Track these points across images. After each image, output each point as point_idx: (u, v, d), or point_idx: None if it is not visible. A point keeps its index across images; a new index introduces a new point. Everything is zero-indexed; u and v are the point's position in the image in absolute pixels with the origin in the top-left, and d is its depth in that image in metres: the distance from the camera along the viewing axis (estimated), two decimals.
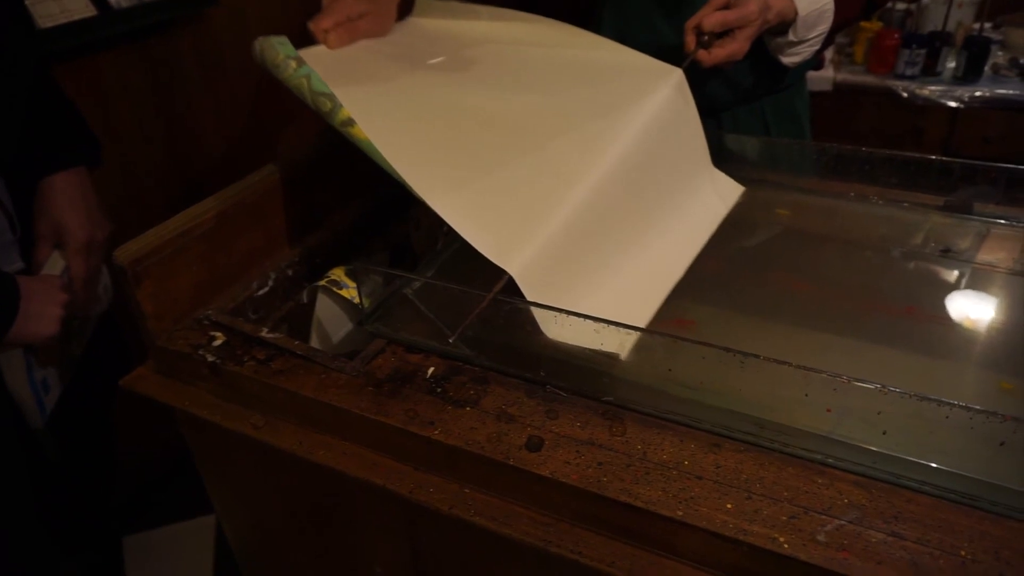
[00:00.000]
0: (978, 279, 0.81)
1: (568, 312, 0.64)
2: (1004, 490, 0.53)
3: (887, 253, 0.87)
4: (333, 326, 0.84)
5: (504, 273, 0.66)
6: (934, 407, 0.52)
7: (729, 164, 0.96)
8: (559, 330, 0.65)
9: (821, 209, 0.97)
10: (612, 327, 0.63)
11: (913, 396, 0.52)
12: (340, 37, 0.84)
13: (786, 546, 0.52)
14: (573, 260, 0.72)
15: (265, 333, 0.76)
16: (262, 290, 0.84)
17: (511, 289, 0.66)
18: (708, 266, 0.84)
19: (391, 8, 0.91)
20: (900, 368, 0.71)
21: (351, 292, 0.80)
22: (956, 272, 0.82)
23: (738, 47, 0.90)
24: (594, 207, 0.75)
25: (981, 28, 2.13)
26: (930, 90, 2.05)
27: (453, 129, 0.78)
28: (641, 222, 0.82)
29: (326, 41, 0.83)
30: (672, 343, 0.61)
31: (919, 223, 0.90)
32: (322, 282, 0.81)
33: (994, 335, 0.73)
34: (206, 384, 0.76)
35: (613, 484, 0.57)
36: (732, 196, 0.94)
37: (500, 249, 0.67)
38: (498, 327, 0.68)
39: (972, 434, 0.52)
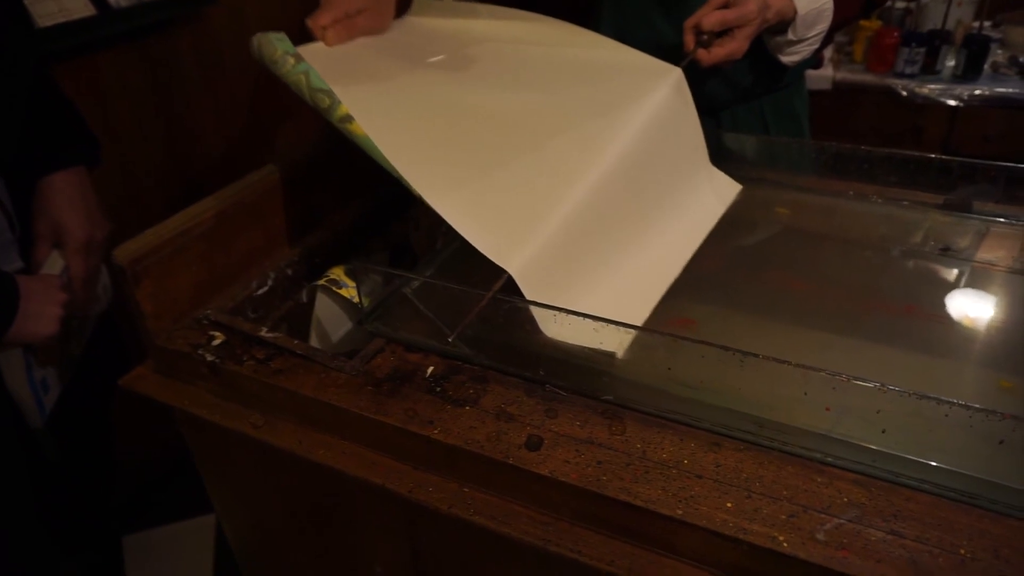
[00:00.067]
0: (977, 278, 0.81)
1: (567, 311, 0.64)
2: (1003, 488, 0.53)
3: (886, 252, 0.87)
4: (332, 325, 0.84)
5: (503, 272, 0.66)
6: (933, 405, 0.52)
7: (728, 163, 0.96)
8: (558, 329, 0.65)
9: (820, 208, 0.97)
10: (611, 326, 0.63)
11: (912, 395, 0.52)
12: (338, 34, 0.84)
13: (786, 545, 0.52)
14: (572, 259, 0.72)
15: (264, 332, 0.76)
16: (261, 289, 0.84)
17: (510, 288, 0.66)
18: (708, 265, 0.84)
19: (389, 5, 0.91)
20: (899, 367, 0.71)
21: (350, 291, 0.80)
22: (955, 271, 0.82)
23: (737, 46, 0.90)
24: (593, 206, 0.75)
25: (980, 26, 2.13)
26: (929, 88, 2.05)
27: (452, 127, 0.78)
28: (640, 221, 0.82)
29: (324, 38, 0.83)
30: (672, 342, 0.61)
31: (918, 222, 0.90)
32: (321, 281, 0.81)
33: (993, 333, 0.73)
34: (205, 383, 0.76)
35: (613, 483, 0.57)
36: (730, 194, 0.94)
37: (499, 248, 0.67)
38: (497, 326, 0.68)
39: (971, 432, 0.52)
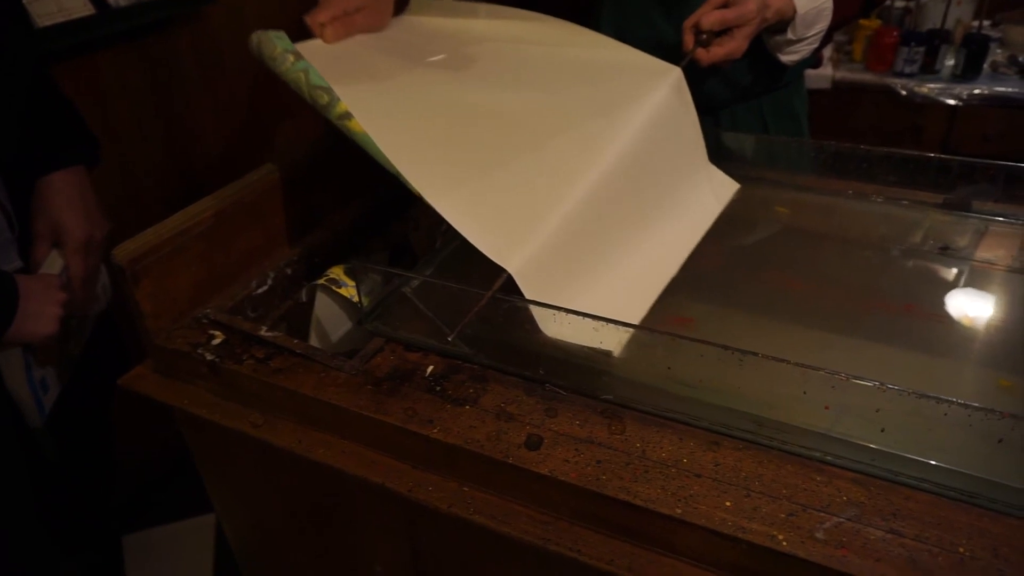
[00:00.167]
0: (977, 277, 0.81)
1: (566, 310, 0.64)
2: (1002, 487, 0.53)
3: (886, 251, 0.87)
4: (332, 325, 0.84)
5: (502, 271, 0.66)
6: (932, 404, 0.52)
7: (728, 162, 0.96)
8: (558, 328, 0.65)
9: (820, 207, 0.97)
10: (611, 325, 0.63)
11: (911, 393, 0.53)
12: (336, 31, 0.84)
13: (785, 544, 0.52)
14: (571, 258, 0.72)
15: (264, 332, 0.76)
16: (261, 289, 0.84)
17: (509, 287, 0.66)
18: (707, 264, 0.84)
19: (388, 3, 0.91)
20: (899, 366, 0.71)
21: (350, 291, 0.80)
22: (955, 270, 0.82)
23: (736, 46, 0.90)
24: (593, 205, 0.75)
25: (980, 26, 2.13)
26: (929, 88, 2.05)
27: (451, 126, 0.78)
28: (640, 220, 0.82)
29: (322, 35, 0.83)
30: (671, 341, 0.61)
31: (918, 221, 0.90)
32: (321, 281, 0.81)
33: (992, 333, 0.73)
34: (205, 383, 0.76)
35: (612, 482, 0.57)
36: (728, 193, 0.94)
37: (499, 247, 0.67)
38: (497, 325, 0.68)
39: (970, 431, 0.52)
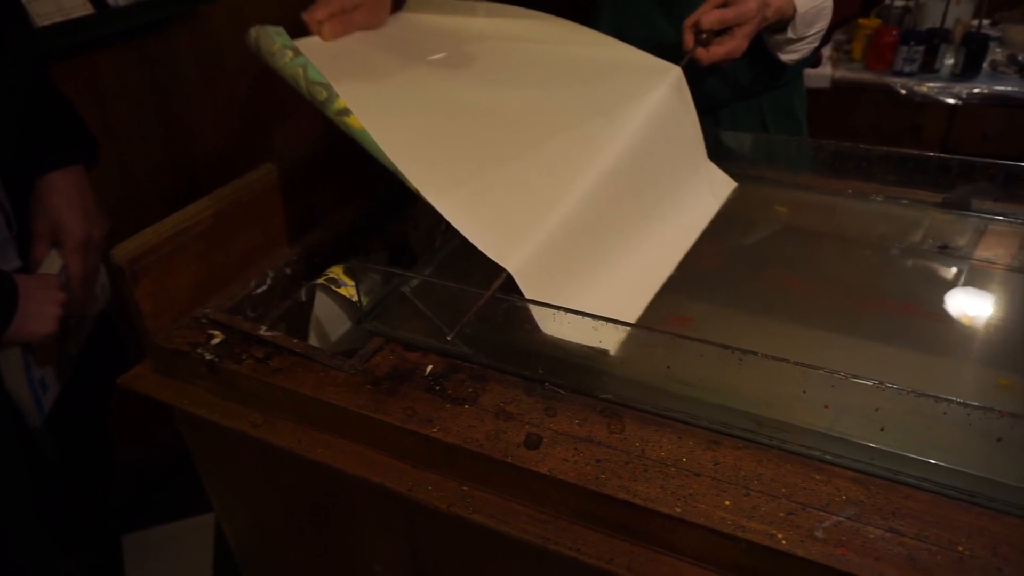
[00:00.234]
0: (976, 275, 0.81)
1: (565, 309, 0.64)
2: (1002, 486, 0.53)
3: (885, 250, 0.87)
4: (331, 324, 0.84)
5: (501, 271, 0.66)
6: (932, 403, 0.52)
7: (727, 161, 0.96)
8: (557, 327, 0.65)
9: (819, 206, 0.97)
10: (610, 324, 0.63)
11: (911, 392, 0.53)
12: (334, 28, 0.84)
13: (784, 542, 0.52)
14: (570, 257, 0.72)
15: (263, 331, 0.76)
16: (260, 288, 0.84)
17: (509, 287, 0.66)
18: (707, 263, 0.84)
19: (386, 1, 0.90)
20: (898, 365, 0.71)
21: (349, 290, 0.80)
22: (954, 269, 0.82)
23: (736, 45, 0.89)
24: (592, 205, 0.75)
25: (979, 25, 2.13)
26: (928, 87, 2.05)
27: (450, 124, 0.78)
28: (639, 220, 0.82)
29: (320, 32, 0.83)
30: (671, 340, 0.61)
31: (917, 220, 0.90)
32: (320, 280, 0.81)
33: (992, 331, 0.73)
34: (204, 382, 0.76)
35: (611, 481, 0.57)
36: (725, 191, 0.94)
37: (498, 246, 0.67)
38: (496, 325, 0.68)
39: (970, 430, 0.52)
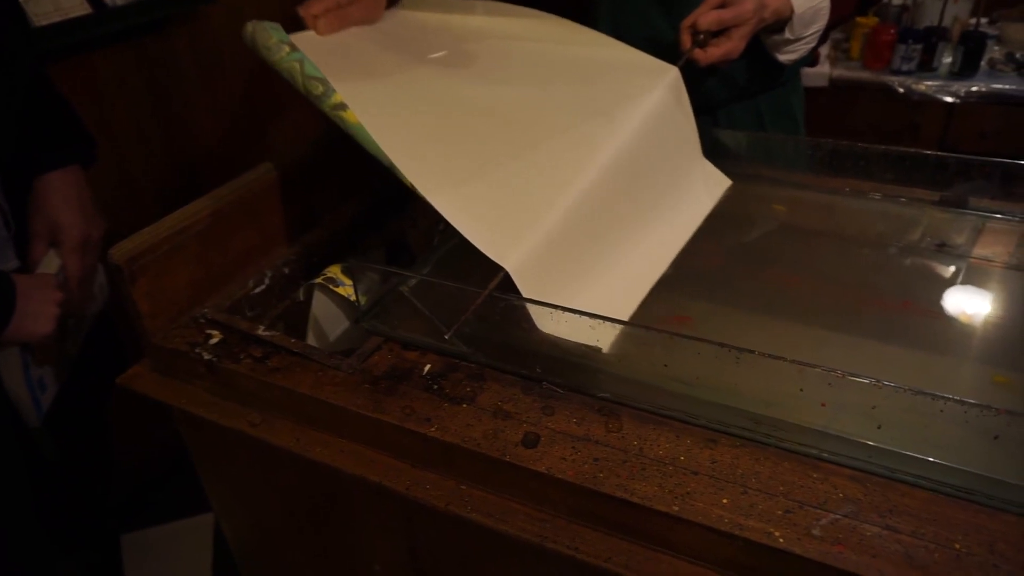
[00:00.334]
0: (974, 274, 0.81)
1: (562, 308, 0.64)
2: (999, 483, 0.53)
3: (883, 248, 0.87)
4: (330, 324, 0.84)
5: (499, 270, 0.66)
6: (928, 401, 0.52)
7: (725, 160, 0.96)
8: (554, 325, 0.65)
9: (817, 205, 0.97)
10: (607, 322, 0.63)
11: (908, 390, 0.53)
12: (330, 23, 0.84)
13: (781, 540, 0.52)
14: (568, 257, 0.72)
15: (262, 331, 0.76)
16: (258, 288, 0.84)
17: (506, 286, 0.66)
18: (705, 262, 0.84)
19: None
20: (896, 363, 0.71)
21: (347, 290, 0.80)
22: (952, 267, 0.82)
23: (734, 46, 0.89)
24: (589, 204, 0.75)
25: (977, 23, 2.13)
26: (926, 85, 2.05)
27: (446, 121, 0.78)
28: (636, 219, 0.82)
29: (315, 27, 0.83)
30: (668, 339, 0.61)
31: (915, 218, 0.91)
32: (319, 280, 0.81)
33: (989, 329, 0.74)
34: (203, 382, 0.76)
35: (609, 480, 0.57)
36: (719, 189, 0.94)
37: (497, 245, 0.67)
38: (494, 324, 0.68)
39: (967, 428, 0.52)
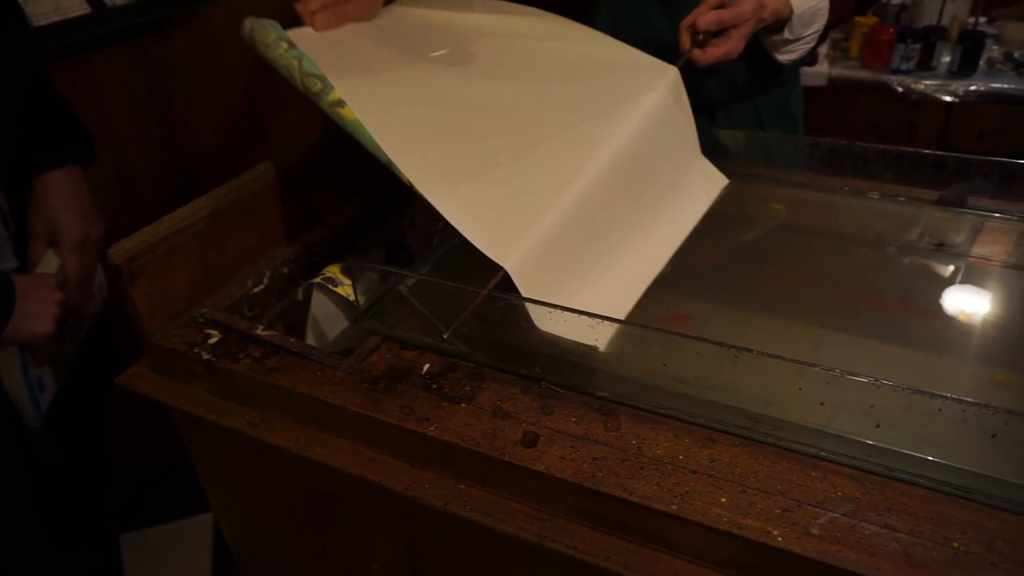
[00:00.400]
0: (972, 273, 0.81)
1: (561, 308, 0.64)
2: (997, 482, 0.53)
3: (882, 247, 0.87)
4: (329, 323, 0.84)
5: (498, 270, 0.66)
6: (927, 400, 0.52)
7: (723, 159, 0.96)
8: (552, 324, 0.65)
9: (815, 204, 0.97)
10: (605, 321, 0.63)
11: (906, 389, 0.53)
12: (327, 19, 0.84)
13: (780, 539, 0.52)
14: (567, 256, 0.72)
15: (261, 331, 0.76)
16: (257, 288, 0.84)
17: (505, 285, 0.66)
18: (703, 261, 0.84)
19: None
20: (894, 361, 0.71)
21: (346, 289, 0.80)
22: (950, 266, 0.83)
23: (733, 46, 0.89)
24: (588, 204, 0.75)
25: (976, 22, 2.13)
26: (925, 84, 2.05)
27: (445, 119, 0.78)
28: (635, 219, 0.82)
29: (313, 23, 0.83)
30: (667, 338, 0.61)
31: (914, 217, 0.91)
32: (317, 279, 0.81)
33: (988, 328, 0.74)
34: (202, 382, 0.76)
35: (608, 479, 0.58)
36: (716, 187, 0.94)
37: (497, 244, 0.67)
38: (493, 323, 0.68)
39: (965, 426, 0.52)
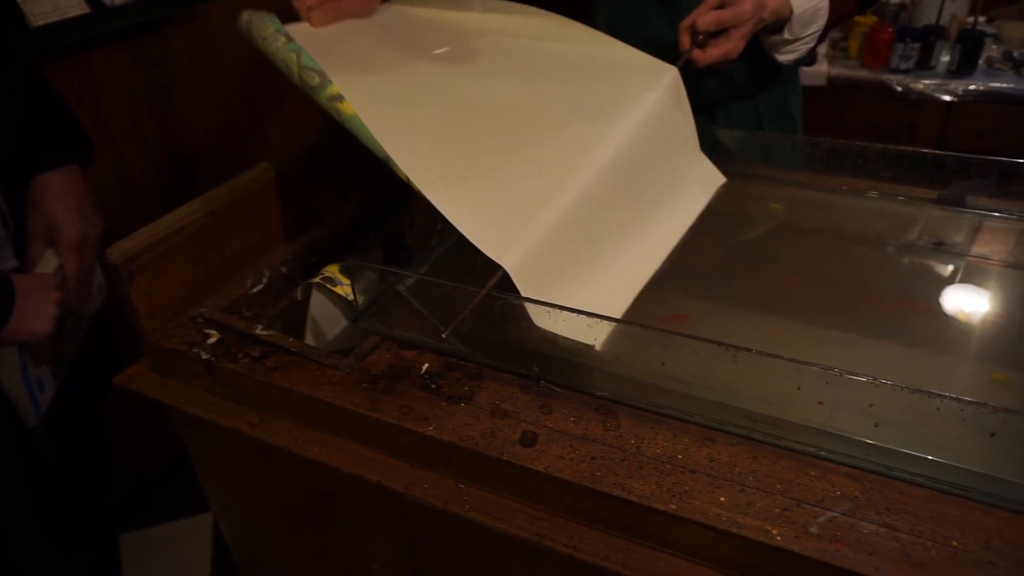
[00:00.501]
0: (971, 272, 0.81)
1: (559, 307, 0.64)
2: (996, 481, 0.53)
3: (881, 247, 0.87)
4: (328, 323, 0.84)
5: (497, 269, 0.66)
6: (925, 399, 0.52)
7: (722, 158, 0.96)
8: (551, 322, 0.65)
9: (814, 203, 0.97)
10: (604, 321, 0.63)
11: (904, 388, 0.53)
12: (324, 15, 0.83)
13: (779, 538, 0.52)
14: (565, 256, 0.72)
15: (260, 330, 0.76)
16: (256, 288, 0.84)
17: (504, 284, 0.66)
18: (702, 261, 0.84)
19: None
20: (893, 361, 0.71)
21: (345, 289, 0.80)
22: (949, 265, 0.83)
23: (733, 46, 0.89)
24: (587, 204, 0.75)
25: (975, 21, 2.13)
26: (924, 84, 2.05)
27: (443, 117, 0.78)
28: (634, 219, 0.82)
29: (310, 19, 0.83)
30: (665, 338, 0.61)
31: (913, 216, 0.91)
32: (316, 279, 0.81)
33: (986, 327, 0.74)
34: (201, 382, 0.76)
35: (607, 478, 0.58)
36: (713, 185, 0.94)
37: (496, 244, 0.67)
38: (492, 323, 0.68)
39: (963, 425, 0.52)
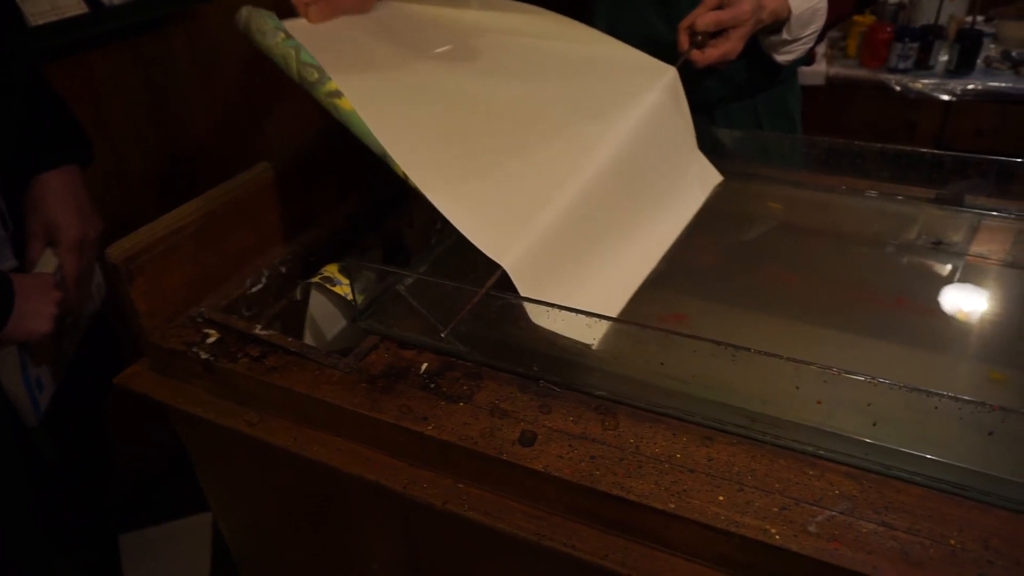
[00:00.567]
0: (970, 271, 0.81)
1: (558, 307, 0.64)
2: (994, 479, 0.53)
3: (879, 246, 0.87)
4: (327, 323, 0.84)
5: (496, 269, 0.66)
6: (923, 398, 0.52)
7: (721, 158, 0.96)
8: (550, 321, 0.65)
9: (813, 203, 0.97)
10: (602, 320, 0.63)
11: (903, 387, 0.53)
12: (321, 11, 0.83)
13: (777, 537, 0.52)
14: (564, 255, 0.72)
15: (259, 330, 0.76)
16: (255, 287, 0.84)
17: (502, 284, 0.66)
18: (701, 260, 0.84)
19: None
20: (891, 360, 0.71)
21: (344, 289, 0.80)
22: (948, 264, 0.83)
23: (732, 47, 0.89)
24: (586, 203, 0.75)
25: (973, 21, 2.13)
26: (923, 83, 2.05)
27: (441, 115, 0.77)
28: (633, 218, 0.82)
29: (307, 14, 0.82)
30: (664, 337, 0.62)
31: (911, 216, 0.91)
32: (315, 279, 0.81)
33: (985, 326, 0.74)
34: (200, 381, 0.76)
35: (606, 478, 0.58)
36: (711, 184, 0.94)
37: (495, 243, 0.67)
38: (491, 322, 0.68)
39: (962, 424, 0.52)
